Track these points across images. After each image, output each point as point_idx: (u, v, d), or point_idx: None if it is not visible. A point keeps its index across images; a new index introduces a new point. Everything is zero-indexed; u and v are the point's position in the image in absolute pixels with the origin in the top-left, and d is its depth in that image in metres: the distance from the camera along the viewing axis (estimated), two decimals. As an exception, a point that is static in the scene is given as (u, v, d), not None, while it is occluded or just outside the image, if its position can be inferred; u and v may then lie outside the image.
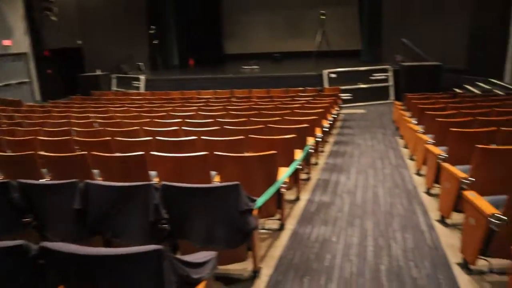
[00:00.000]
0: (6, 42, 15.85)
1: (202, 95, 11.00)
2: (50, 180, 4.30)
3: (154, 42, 16.98)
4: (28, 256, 1.88)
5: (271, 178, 3.69)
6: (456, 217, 4.09)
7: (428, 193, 5.09)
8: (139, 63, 16.47)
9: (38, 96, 16.83)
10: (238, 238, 2.82)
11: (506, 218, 2.81)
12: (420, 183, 5.50)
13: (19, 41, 16.33)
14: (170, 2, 17.91)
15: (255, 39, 20.12)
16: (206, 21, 19.40)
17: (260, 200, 3.09)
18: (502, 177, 3.53)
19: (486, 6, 13.50)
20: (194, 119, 6.77)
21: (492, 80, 12.84)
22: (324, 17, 14.56)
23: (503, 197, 2.94)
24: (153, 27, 16.85)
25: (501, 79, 12.83)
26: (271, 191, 3.42)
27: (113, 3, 17.43)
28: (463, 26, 14.26)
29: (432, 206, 4.66)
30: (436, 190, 4.92)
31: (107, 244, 3.10)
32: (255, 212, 2.95)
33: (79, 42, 17.61)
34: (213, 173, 3.98)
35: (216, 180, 3.87)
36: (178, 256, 2.01)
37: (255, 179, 3.71)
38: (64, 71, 17.29)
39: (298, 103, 8.61)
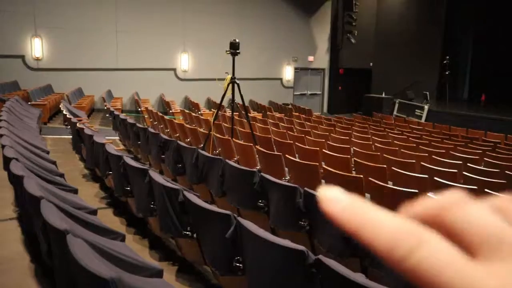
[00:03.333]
0: (310, 58, 18.08)
1: (490, 138, 9.98)
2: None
3: (446, 73, 16.34)
4: (306, 263, 2.15)
5: None
6: None
7: None
8: (425, 92, 16.15)
9: (325, 108, 18.59)
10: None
11: None
12: None
13: (320, 58, 18.38)
14: (468, 37, 16.85)
15: None
16: (506, 55, 17.30)
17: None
18: None
19: None
20: (477, 164, 6.23)
21: None
22: None
23: None
24: (447, 57, 16.23)
25: None
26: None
27: (409, 30, 17.56)
28: None
29: None
30: None
31: (364, 270, 3.22)
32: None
33: (371, 64, 18.50)
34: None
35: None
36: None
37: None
38: (351, 89, 18.53)
39: None
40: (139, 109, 12.91)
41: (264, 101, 16.44)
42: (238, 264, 2.67)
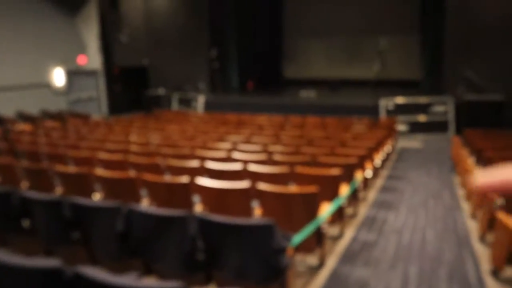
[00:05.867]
0: (82, 60, 17.01)
1: (257, 120, 11.16)
2: (103, 197, 4.55)
3: (214, 65, 17.49)
4: (64, 280, 1.99)
5: (312, 214, 3.67)
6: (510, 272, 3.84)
7: (481, 241, 4.82)
8: (199, 84, 17.02)
9: (105, 110, 17.82)
10: (270, 275, 2.81)
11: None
12: (473, 229, 5.22)
13: (92, 58, 17.49)
14: (231, 26, 18.36)
15: (313, 65, 20.11)
16: (267, 45, 19.65)
17: (297, 239, 3.08)
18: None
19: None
20: (245, 144, 6.89)
21: None
22: (384, 46, 14.41)
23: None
24: (214, 51, 17.38)
25: None
26: (309, 229, 3.40)
27: (178, 25, 18.20)
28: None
29: (484, 257, 4.39)
30: (490, 238, 4.65)
31: (147, 268, 3.21)
32: (289, 251, 2.94)
33: (145, 61, 18.51)
34: (255, 204, 4.02)
35: (257, 213, 3.90)
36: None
37: (296, 215, 3.70)
38: (130, 88, 18.21)
39: (350, 134, 8.50)
40: None
41: (35, 111, 14.79)
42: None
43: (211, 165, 4.78)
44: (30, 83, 15.39)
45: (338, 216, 4.75)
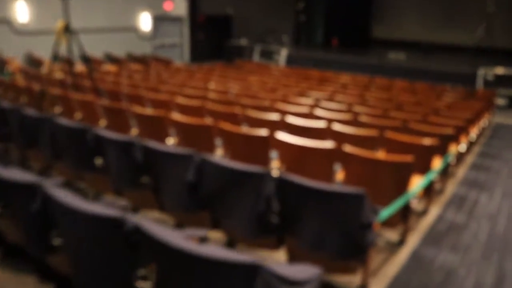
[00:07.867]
0: (168, 6, 17.08)
1: (340, 78, 10.54)
2: (177, 142, 4.42)
3: (300, 17, 16.78)
4: (123, 230, 1.79)
5: (402, 187, 3.23)
6: None
7: None
8: (283, 36, 16.46)
9: (187, 57, 17.95)
10: (351, 251, 2.48)
11: None
12: None
13: (178, 5, 17.50)
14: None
15: (405, 25, 18.50)
16: (357, 1, 18.39)
17: (385, 213, 2.69)
18: None
19: None
20: (328, 102, 6.45)
21: None
22: (492, 7, 12.83)
23: None
24: (301, 3, 16.62)
25: None
26: (399, 203, 2.98)
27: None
28: None
29: None
30: None
31: (215, 222, 3.00)
32: (376, 226, 2.57)
33: (230, 10, 18.21)
34: (337, 167, 3.64)
35: (339, 177, 3.53)
36: (277, 269, 1.73)
37: (383, 185, 3.29)
38: (213, 37, 18.10)
39: (444, 103, 7.70)
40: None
41: (121, 53, 15.21)
42: (56, 241, 2.21)
43: (292, 120, 4.44)
44: (118, 26, 15.77)
45: (425, 190, 4.25)
